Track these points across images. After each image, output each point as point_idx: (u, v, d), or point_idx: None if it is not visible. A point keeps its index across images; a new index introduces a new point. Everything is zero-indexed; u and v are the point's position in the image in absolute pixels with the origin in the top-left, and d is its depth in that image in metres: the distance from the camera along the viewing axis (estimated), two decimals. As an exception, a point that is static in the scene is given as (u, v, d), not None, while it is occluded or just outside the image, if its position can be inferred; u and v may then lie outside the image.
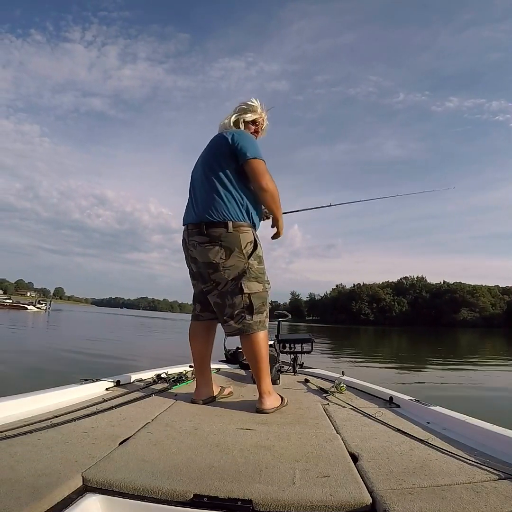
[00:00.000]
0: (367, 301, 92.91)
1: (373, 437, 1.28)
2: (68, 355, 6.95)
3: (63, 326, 16.74)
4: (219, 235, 1.63)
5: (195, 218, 1.71)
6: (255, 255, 1.69)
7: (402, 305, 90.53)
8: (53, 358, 6.35)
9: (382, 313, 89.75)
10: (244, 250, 1.65)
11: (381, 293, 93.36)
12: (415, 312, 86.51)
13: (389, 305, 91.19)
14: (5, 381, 4.11)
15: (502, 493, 0.86)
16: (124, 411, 1.47)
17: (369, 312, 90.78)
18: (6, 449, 1.02)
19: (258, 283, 1.68)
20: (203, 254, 1.67)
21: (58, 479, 0.84)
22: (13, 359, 6.01)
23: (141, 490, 0.84)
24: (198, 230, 1.67)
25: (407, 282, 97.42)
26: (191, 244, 1.71)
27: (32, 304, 26.98)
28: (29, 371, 4.89)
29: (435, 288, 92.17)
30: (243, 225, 1.67)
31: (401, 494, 0.84)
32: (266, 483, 0.89)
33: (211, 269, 1.66)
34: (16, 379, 4.30)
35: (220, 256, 1.63)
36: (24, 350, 7.31)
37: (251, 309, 1.65)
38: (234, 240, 1.64)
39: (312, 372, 2.61)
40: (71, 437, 1.14)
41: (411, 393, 1.93)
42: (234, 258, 1.64)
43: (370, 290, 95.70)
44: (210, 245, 1.64)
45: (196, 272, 1.77)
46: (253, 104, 1.91)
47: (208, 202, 1.68)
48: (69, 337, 11.65)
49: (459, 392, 5.28)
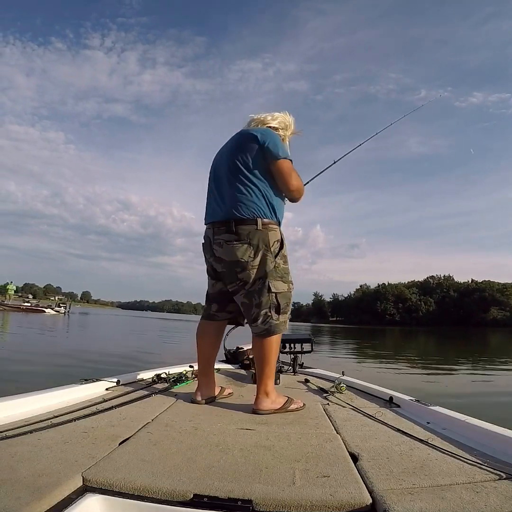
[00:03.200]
0: (393, 301, 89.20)
1: (373, 437, 1.28)
2: (75, 355, 6.95)
3: (80, 329, 16.30)
4: (248, 233, 1.60)
5: (222, 216, 1.66)
6: (281, 254, 1.67)
7: (429, 305, 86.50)
8: (58, 359, 6.34)
9: (408, 313, 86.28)
10: (272, 249, 1.63)
11: (406, 293, 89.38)
12: (443, 312, 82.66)
13: (415, 305, 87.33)
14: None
15: (502, 493, 0.86)
16: (124, 411, 1.47)
17: (395, 312, 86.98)
18: (6, 449, 1.02)
19: (283, 283, 1.66)
20: (230, 252, 1.62)
21: (58, 479, 0.84)
22: (19, 360, 6.00)
23: (141, 490, 0.84)
24: (226, 228, 1.63)
25: (433, 281, 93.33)
26: (216, 243, 1.67)
27: (50, 307, 26.91)
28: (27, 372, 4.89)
29: (463, 287, 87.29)
30: (271, 223, 1.65)
31: (401, 494, 0.84)
32: (266, 483, 0.89)
33: (239, 268, 1.62)
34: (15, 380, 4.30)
35: (248, 254, 1.60)
36: (30, 351, 7.29)
37: (278, 308, 1.64)
38: (263, 238, 1.61)
39: (312, 372, 2.61)
40: (71, 437, 1.14)
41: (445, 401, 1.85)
42: (262, 256, 1.61)
43: (396, 290, 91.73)
44: (239, 243, 1.60)
45: (221, 272, 1.71)
46: (290, 124, 1.88)
47: (236, 198, 1.64)
48: (83, 339, 11.53)
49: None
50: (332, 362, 7.72)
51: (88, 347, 8.58)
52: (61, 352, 7.22)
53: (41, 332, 11.84)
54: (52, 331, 12.81)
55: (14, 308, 24.98)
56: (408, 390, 2.33)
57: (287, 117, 1.89)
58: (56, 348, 8.16)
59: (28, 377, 4.28)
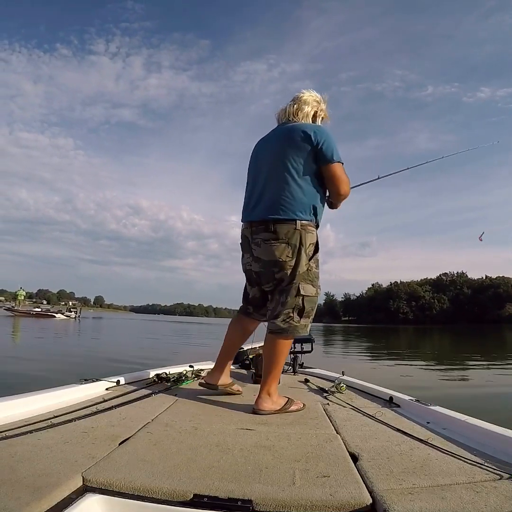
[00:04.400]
0: (405, 299, 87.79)
1: (373, 437, 1.28)
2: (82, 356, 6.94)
3: (89, 333, 16.07)
4: (287, 232, 1.58)
5: (261, 215, 1.64)
6: (315, 258, 1.66)
7: (442, 302, 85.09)
8: (65, 362, 6.34)
9: (422, 311, 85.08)
10: (307, 251, 1.62)
11: (419, 291, 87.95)
12: (457, 310, 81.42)
13: (428, 303, 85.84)
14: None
15: (502, 493, 0.86)
16: (124, 411, 1.47)
17: (408, 310, 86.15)
18: (6, 449, 1.02)
19: (312, 287, 1.65)
20: (268, 252, 1.61)
21: (58, 479, 0.84)
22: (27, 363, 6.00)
23: (141, 490, 0.84)
24: (264, 227, 1.61)
25: (446, 278, 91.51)
26: (255, 242, 1.65)
27: (60, 312, 26.89)
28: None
29: (477, 283, 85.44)
30: (310, 225, 1.63)
31: (401, 494, 0.84)
32: (266, 483, 0.89)
33: (277, 268, 1.61)
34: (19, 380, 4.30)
35: (286, 254, 1.59)
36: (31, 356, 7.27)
37: (301, 311, 1.62)
38: (300, 239, 1.59)
39: (312, 372, 2.61)
40: (71, 437, 1.14)
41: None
42: (298, 257, 1.59)
43: (408, 287, 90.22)
44: (277, 242, 1.59)
45: (259, 272, 1.70)
46: (319, 96, 1.82)
47: (278, 197, 1.61)
48: (93, 343, 11.43)
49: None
50: (344, 363, 7.62)
51: (96, 352, 8.49)
52: (64, 355, 7.21)
53: (45, 337, 11.75)
54: (57, 337, 12.62)
55: (24, 313, 25.09)
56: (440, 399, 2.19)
57: (312, 93, 1.82)
58: (58, 351, 8.15)
59: (27, 379, 4.29)
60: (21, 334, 12.87)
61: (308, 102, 1.77)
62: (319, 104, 1.80)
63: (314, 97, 1.80)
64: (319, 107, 1.80)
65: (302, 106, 1.75)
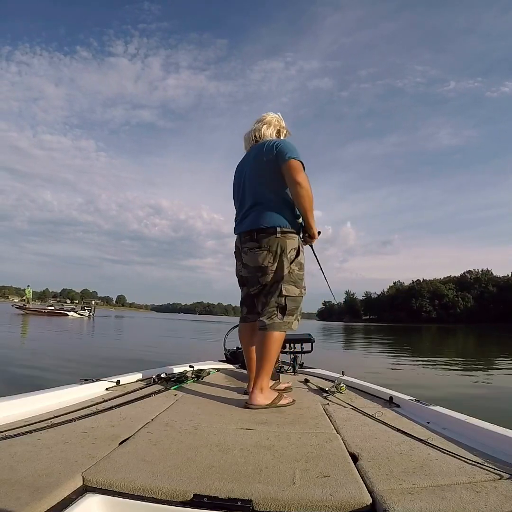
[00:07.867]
0: (428, 297, 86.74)
1: (373, 437, 1.28)
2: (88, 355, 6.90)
3: (101, 332, 15.68)
4: (268, 241, 1.76)
5: (246, 226, 1.83)
6: (296, 261, 1.81)
7: (467, 301, 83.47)
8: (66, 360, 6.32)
9: (445, 310, 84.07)
10: (288, 255, 1.77)
11: (443, 289, 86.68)
12: (482, 308, 79.42)
13: (452, 301, 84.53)
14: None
15: (502, 493, 0.86)
16: (124, 411, 1.47)
17: (431, 309, 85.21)
18: (6, 449, 1.02)
19: (296, 288, 1.80)
20: (253, 258, 1.79)
21: (58, 479, 0.84)
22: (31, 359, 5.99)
23: (141, 490, 0.84)
24: (250, 237, 1.80)
25: (471, 276, 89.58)
26: (244, 251, 1.85)
27: (74, 311, 26.70)
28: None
29: (503, 281, 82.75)
30: (290, 232, 1.79)
31: (401, 494, 0.84)
32: (266, 483, 0.89)
33: (260, 273, 1.79)
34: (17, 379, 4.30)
35: (268, 260, 1.76)
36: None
37: (284, 310, 1.77)
38: (280, 245, 1.75)
39: (312, 372, 2.61)
40: (71, 437, 1.14)
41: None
42: (279, 262, 1.76)
43: (431, 286, 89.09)
44: (260, 250, 1.77)
45: (247, 277, 1.89)
46: (277, 116, 2.04)
47: (259, 210, 1.79)
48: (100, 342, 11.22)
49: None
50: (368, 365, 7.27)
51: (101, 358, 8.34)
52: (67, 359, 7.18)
53: (51, 336, 11.47)
54: (59, 336, 12.36)
55: (36, 311, 24.71)
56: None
57: (272, 114, 2.03)
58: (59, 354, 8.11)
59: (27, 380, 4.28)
60: (26, 333, 12.76)
61: (271, 123, 1.99)
62: (279, 123, 2.02)
63: (274, 117, 2.02)
64: (281, 124, 2.02)
65: (266, 126, 1.97)
